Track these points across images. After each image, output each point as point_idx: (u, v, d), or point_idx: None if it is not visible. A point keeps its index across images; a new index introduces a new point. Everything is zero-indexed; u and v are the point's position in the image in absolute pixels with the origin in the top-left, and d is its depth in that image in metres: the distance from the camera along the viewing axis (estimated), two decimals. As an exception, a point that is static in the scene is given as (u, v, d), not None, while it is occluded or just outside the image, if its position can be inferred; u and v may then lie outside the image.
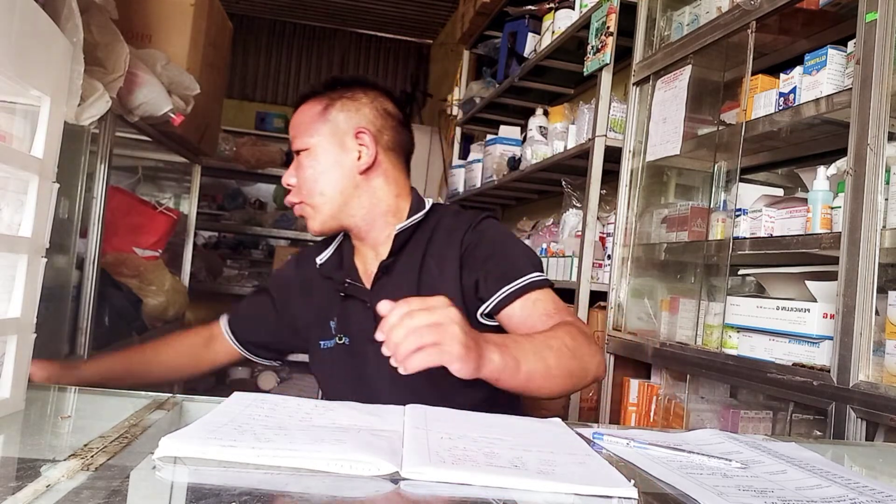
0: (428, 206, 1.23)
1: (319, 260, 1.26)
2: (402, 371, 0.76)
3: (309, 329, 1.27)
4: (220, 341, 1.34)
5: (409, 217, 1.21)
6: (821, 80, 1.38)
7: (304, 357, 1.32)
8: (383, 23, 5.90)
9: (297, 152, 1.19)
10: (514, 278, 1.10)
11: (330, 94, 1.21)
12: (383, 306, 0.77)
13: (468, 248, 1.16)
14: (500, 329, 1.13)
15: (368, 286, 1.20)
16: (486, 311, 1.13)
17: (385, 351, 0.76)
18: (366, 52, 6.29)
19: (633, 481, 0.58)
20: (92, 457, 0.56)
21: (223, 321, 1.34)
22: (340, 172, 1.18)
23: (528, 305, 1.09)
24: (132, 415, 0.72)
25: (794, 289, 1.45)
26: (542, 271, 1.15)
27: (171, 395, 0.83)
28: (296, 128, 1.21)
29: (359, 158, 1.18)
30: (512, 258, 1.15)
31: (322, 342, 1.23)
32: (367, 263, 1.23)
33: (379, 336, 0.76)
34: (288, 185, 1.21)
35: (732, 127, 1.62)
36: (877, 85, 1.19)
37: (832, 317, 1.26)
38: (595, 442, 0.76)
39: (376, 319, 1.06)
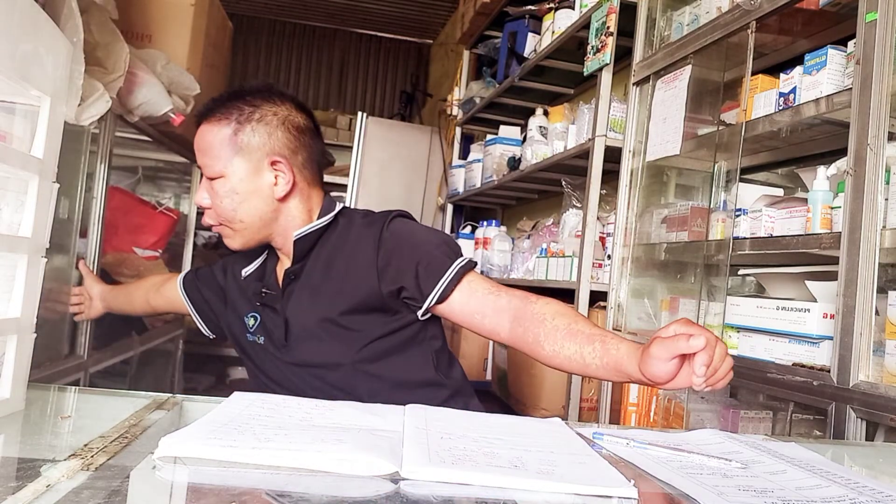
0: (336, 211, 1.23)
1: (245, 272, 1.28)
2: (707, 390, 0.88)
3: (237, 318, 1.30)
4: (171, 289, 1.47)
5: (315, 222, 1.21)
6: (821, 80, 1.38)
7: None
8: (383, 23, 5.91)
9: (210, 178, 1.17)
10: (442, 272, 1.13)
11: (237, 114, 1.15)
12: (698, 342, 0.83)
13: (385, 252, 1.16)
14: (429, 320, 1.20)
15: (280, 285, 1.23)
16: (426, 308, 1.15)
17: (700, 374, 0.83)
18: (366, 52, 6.29)
19: (633, 481, 0.58)
20: (92, 457, 0.56)
21: (181, 275, 1.47)
22: (258, 200, 1.16)
23: (466, 290, 1.13)
24: (132, 415, 0.72)
25: (794, 289, 1.45)
26: (461, 254, 1.18)
27: (171, 395, 0.83)
28: (205, 151, 1.17)
29: (275, 184, 1.16)
30: (433, 253, 1.15)
31: (248, 335, 1.26)
32: (280, 267, 1.26)
33: (700, 370, 0.83)
34: (202, 206, 1.20)
35: (732, 127, 1.62)
36: (877, 85, 1.19)
37: (832, 317, 1.26)
38: (595, 442, 0.76)
39: (286, 326, 1.19)
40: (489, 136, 3.28)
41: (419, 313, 1.17)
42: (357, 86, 6.32)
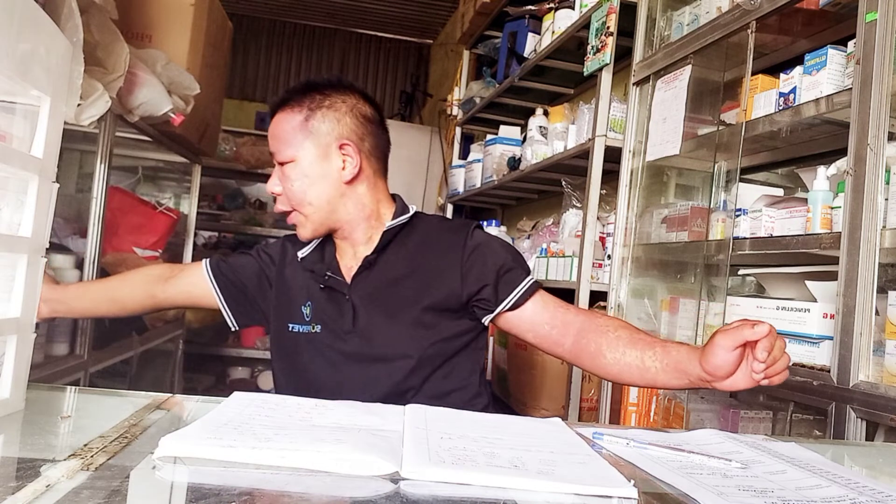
0: (412, 212, 1.29)
1: (301, 254, 1.28)
2: (766, 384, 0.94)
3: (279, 309, 1.29)
4: (194, 277, 1.33)
5: (394, 218, 1.25)
6: (821, 80, 1.38)
7: None
8: (383, 23, 5.91)
9: (281, 163, 1.21)
10: (519, 282, 1.21)
11: (308, 102, 1.21)
12: (763, 329, 0.89)
13: (470, 257, 1.22)
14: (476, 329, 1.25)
15: (347, 280, 1.24)
16: (497, 314, 1.21)
17: (762, 359, 0.89)
18: (366, 52, 6.29)
19: (633, 481, 0.58)
20: (92, 457, 0.56)
21: (206, 261, 1.35)
22: (327, 183, 1.20)
23: (539, 302, 1.21)
24: (132, 415, 0.72)
25: (794, 289, 1.45)
26: (531, 273, 1.26)
27: (171, 395, 0.83)
28: (277, 138, 1.22)
29: (343, 168, 1.21)
30: (511, 264, 1.23)
31: (291, 325, 1.26)
32: (346, 259, 1.27)
33: (762, 354, 0.89)
34: (273, 193, 1.24)
35: (732, 127, 1.62)
36: (877, 85, 1.19)
37: (832, 317, 1.26)
38: (595, 442, 0.76)
39: (354, 312, 1.20)
40: (489, 136, 3.28)
41: (486, 319, 1.23)
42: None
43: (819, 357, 1.29)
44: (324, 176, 1.20)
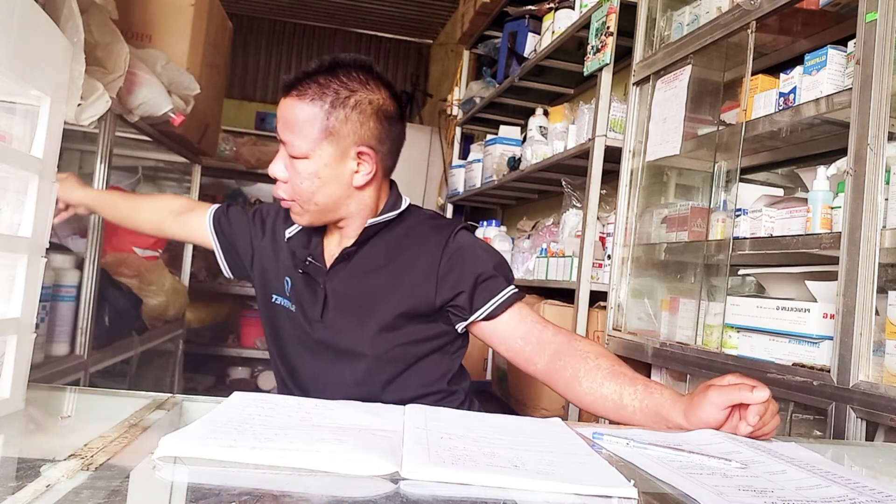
0: (403, 207, 1.23)
1: (288, 233, 1.26)
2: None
3: (264, 276, 1.29)
4: (197, 222, 1.40)
5: (381, 214, 1.21)
6: (821, 80, 1.38)
7: None
8: (383, 23, 5.90)
9: (292, 156, 1.13)
10: (497, 292, 1.15)
11: (332, 94, 1.11)
12: (762, 394, 0.84)
13: (448, 260, 1.16)
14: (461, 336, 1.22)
15: (326, 260, 1.21)
16: (470, 322, 1.17)
17: (752, 423, 0.85)
18: (366, 52, 6.29)
19: (633, 481, 0.58)
20: (92, 457, 0.56)
21: (212, 209, 1.40)
22: (337, 186, 1.14)
23: (516, 315, 1.15)
24: (132, 415, 0.72)
25: (794, 289, 1.45)
26: (513, 281, 1.21)
27: (171, 395, 0.83)
28: (292, 128, 1.12)
29: (356, 172, 1.14)
30: (492, 272, 1.17)
31: (274, 296, 1.25)
32: (332, 246, 1.23)
33: (754, 419, 0.84)
34: (276, 178, 1.16)
35: (732, 127, 1.62)
36: (877, 85, 1.19)
37: (832, 317, 1.26)
38: (595, 442, 0.76)
39: (325, 302, 1.18)
40: (489, 136, 3.28)
41: (460, 326, 1.18)
42: (357, 86, 6.31)
43: (819, 357, 1.29)
44: (335, 178, 1.13)
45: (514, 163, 2.90)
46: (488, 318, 1.15)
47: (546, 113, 2.79)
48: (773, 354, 1.40)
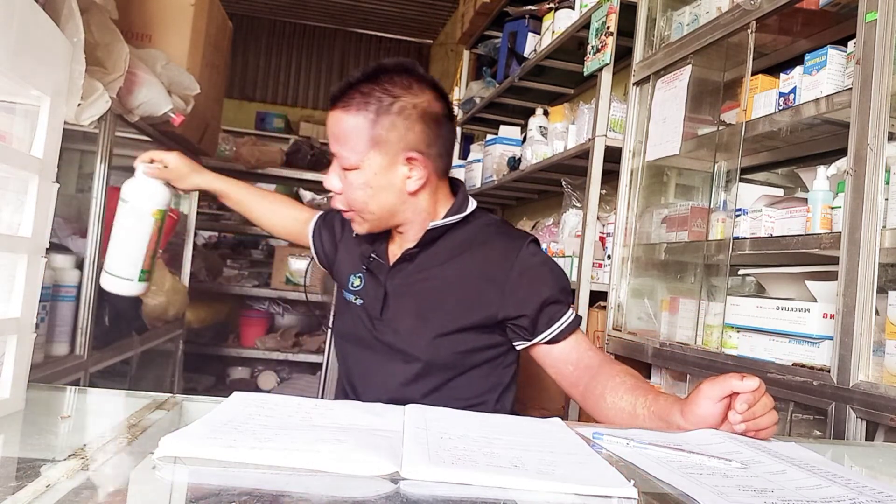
0: (469, 210, 1.23)
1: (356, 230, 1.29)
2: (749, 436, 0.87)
3: (339, 274, 1.35)
4: (301, 227, 1.51)
5: (446, 216, 1.21)
6: (821, 80, 1.38)
7: (303, 357, 1.38)
8: (383, 23, 5.91)
9: (345, 168, 1.14)
10: (560, 317, 1.16)
11: (376, 102, 1.11)
12: (751, 383, 0.85)
13: (518, 276, 1.16)
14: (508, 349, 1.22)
15: (389, 265, 1.23)
16: (530, 345, 1.19)
17: (740, 411, 0.85)
18: (366, 52, 6.29)
19: (633, 481, 0.58)
20: (92, 457, 0.56)
21: (315, 218, 1.47)
22: (390, 193, 1.15)
23: (573, 343, 1.18)
24: (132, 415, 0.72)
25: (794, 289, 1.45)
26: (572, 303, 1.24)
27: (171, 395, 0.83)
28: (339, 141, 1.13)
29: (409, 178, 1.15)
30: (558, 296, 1.17)
31: (345, 292, 1.30)
32: (395, 246, 1.26)
33: (742, 406, 0.84)
34: (331, 189, 1.17)
35: (732, 127, 1.62)
36: (877, 85, 1.19)
37: (832, 317, 1.26)
38: (595, 442, 0.76)
39: (385, 300, 1.20)
40: (489, 136, 3.28)
41: (518, 345, 1.20)
42: (357, 86, 6.31)
43: (819, 357, 1.29)
44: (388, 186, 1.14)
45: (514, 163, 2.90)
46: (550, 342, 1.17)
47: (546, 113, 2.79)
48: (773, 354, 1.40)
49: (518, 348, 1.21)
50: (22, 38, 0.65)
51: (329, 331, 1.54)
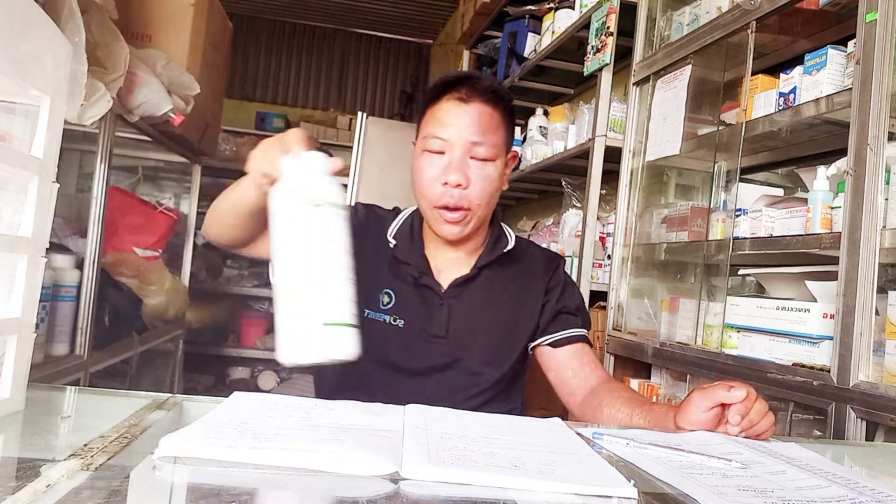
0: (514, 238, 1.27)
1: (393, 239, 1.22)
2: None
3: (366, 283, 1.20)
4: None
5: (497, 240, 1.24)
6: (821, 80, 1.38)
7: None
8: (383, 23, 5.91)
9: (483, 158, 1.13)
10: (569, 326, 1.23)
11: (505, 104, 1.17)
12: (739, 393, 0.86)
13: (551, 291, 1.25)
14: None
15: (438, 280, 1.20)
16: (536, 345, 1.24)
17: (734, 423, 0.86)
18: (366, 52, 6.29)
19: (633, 481, 0.58)
20: (92, 457, 0.56)
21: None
22: (498, 192, 1.19)
23: (577, 351, 1.23)
24: (132, 415, 0.72)
25: (794, 289, 1.45)
26: (588, 330, 1.28)
27: (171, 395, 0.83)
28: (486, 130, 1.13)
29: (505, 174, 1.21)
30: (572, 311, 1.25)
31: (368, 311, 1.18)
32: (438, 258, 1.22)
33: (735, 419, 0.85)
34: (460, 183, 1.11)
35: (732, 127, 1.62)
36: (877, 85, 1.19)
37: (832, 317, 1.26)
38: (595, 442, 0.76)
39: (448, 318, 1.17)
40: (489, 136, 3.28)
41: (533, 342, 1.26)
42: (357, 86, 6.32)
43: (819, 357, 1.29)
44: (501, 184, 1.19)
45: (514, 163, 2.90)
46: (552, 344, 1.22)
47: (546, 113, 2.79)
48: (773, 354, 1.40)
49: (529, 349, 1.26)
50: (22, 38, 0.65)
51: None
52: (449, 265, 1.22)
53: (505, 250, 1.23)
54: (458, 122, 1.12)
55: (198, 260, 3.49)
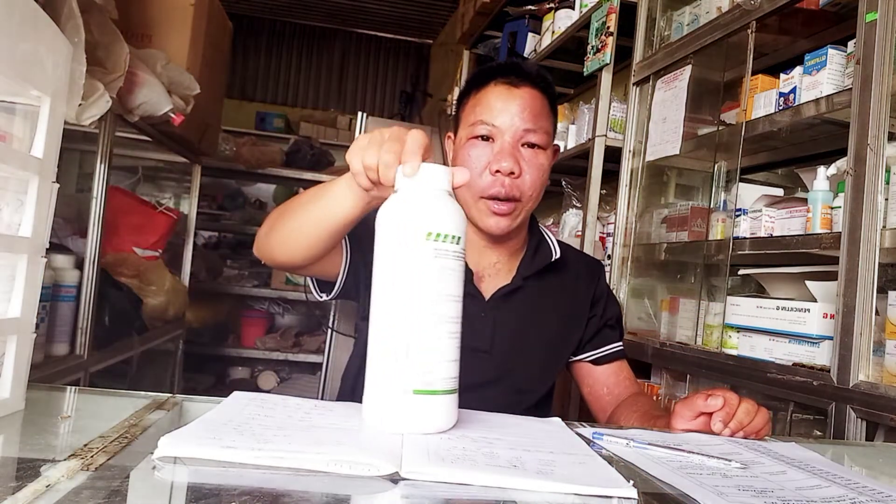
0: (556, 245, 1.21)
1: None
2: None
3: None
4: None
5: (538, 245, 1.19)
6: (821, 80, 1.38)
7: (304, 357, 1.32)
8: (383, 23, 5.91)
9: (537, 146, 1.08)
10: (609, 342, 1.22)
11: (551, 90, 1.12)
12: (715, 402, 0.86)
13: (598, 301, 1.22)
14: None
15: (480, 289, 1.13)
16: (576, 360, 1.22)
17: (717, 430, 0.86)
18: (366, 52, 6.29)
19: (632, 481, 0.58)
20: (92, 457, 0.56)
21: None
22: (546, 182, 1.13)
23: (616, 369, 1.22)
24: (132, 415, 0.72)
25: (794, 289, 1.45)
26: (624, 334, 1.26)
27: (171, 395, 0.83)
28: (538, 116, 1.08)
29: (548, 167, 1.14)
30: (613, 324, 1.23)
31: None
32: (478, 263, 1.15)
33: (718, 426, 0.85)
34: (512, 171, 1.05)
35: (732, 127, 1.62)
36: (877, 85, 1.19)
37: (832, 317, 1.26)
38: (595, 442, 0.76)
39: (493, 331, 1.10)
40: (489, 136, 3.28)
41: (576, 356, 1.23)
42: (357, 86, 6.32)
43: (819, 357, 1.29)
44: (548, 172, 1.13)
45: (514, 163, 2.90)
46: (594, 362, 1.21)
47: (546, 113, 2.79)
48: (773, 354, 1.40)
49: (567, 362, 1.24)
50: (22, 38, 0.65)
51: (329, 331, 1.51)
52: (491, 271, 1.15)
53: (552, 260, 1.17)
54: (508, 108, 1.07)
55: (198, 260, 3.49)
